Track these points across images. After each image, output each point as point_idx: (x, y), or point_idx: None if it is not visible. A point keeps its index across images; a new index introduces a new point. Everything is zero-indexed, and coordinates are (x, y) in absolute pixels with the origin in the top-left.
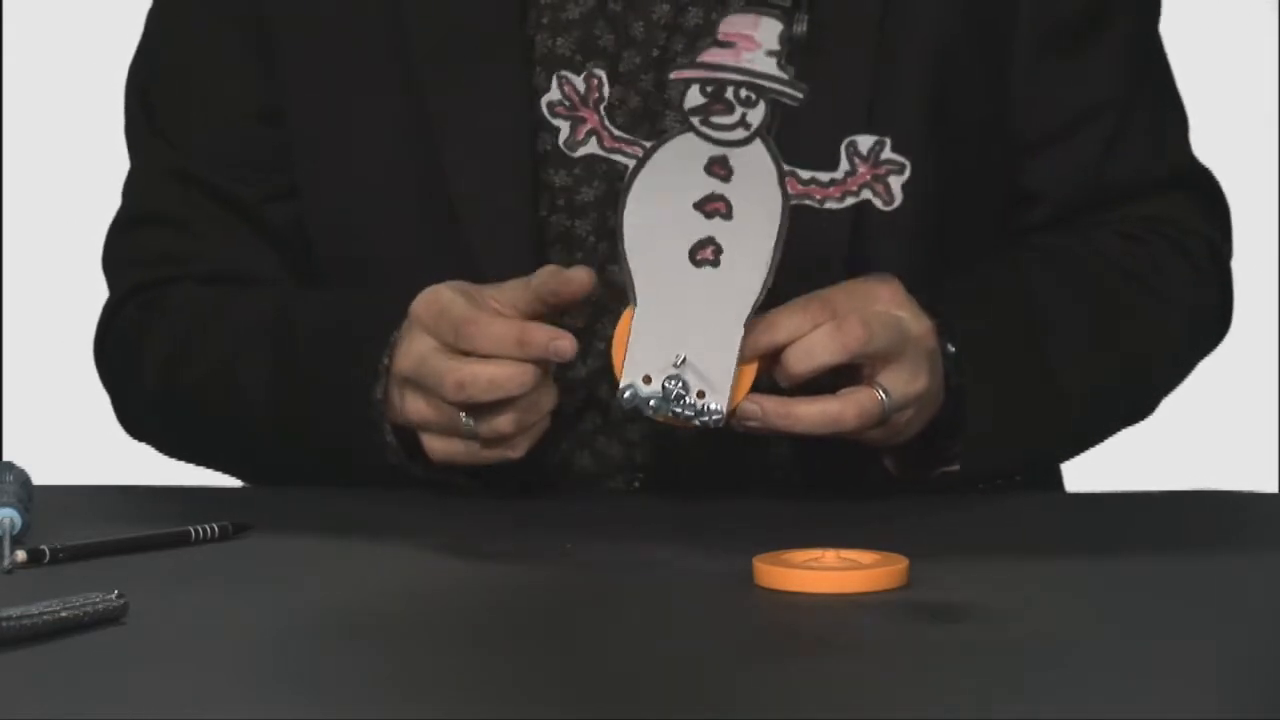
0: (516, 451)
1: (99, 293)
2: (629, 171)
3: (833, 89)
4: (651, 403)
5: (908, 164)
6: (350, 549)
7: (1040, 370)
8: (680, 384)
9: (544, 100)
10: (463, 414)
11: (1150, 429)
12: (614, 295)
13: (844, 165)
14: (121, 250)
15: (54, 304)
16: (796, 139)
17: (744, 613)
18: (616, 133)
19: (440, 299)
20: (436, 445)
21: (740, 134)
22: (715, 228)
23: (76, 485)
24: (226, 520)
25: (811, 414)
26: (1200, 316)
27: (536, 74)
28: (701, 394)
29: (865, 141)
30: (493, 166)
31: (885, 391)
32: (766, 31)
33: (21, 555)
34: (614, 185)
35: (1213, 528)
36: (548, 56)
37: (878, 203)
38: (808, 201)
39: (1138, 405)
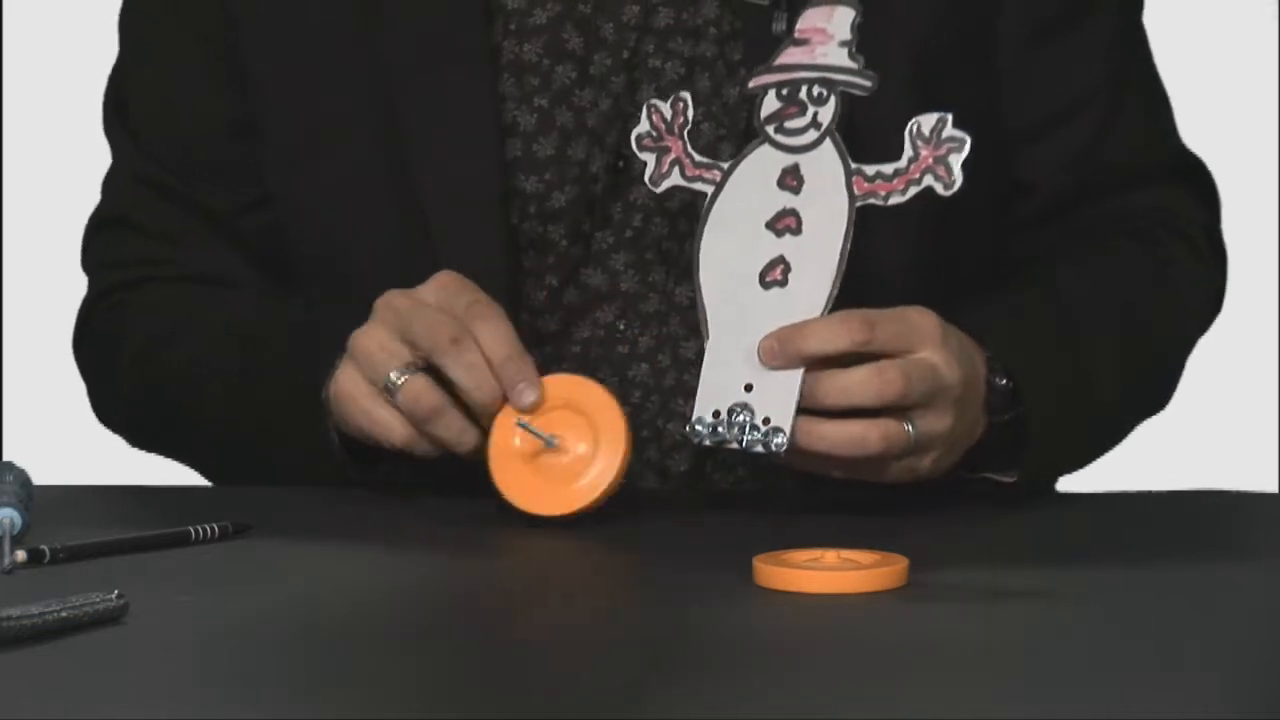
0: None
1: None
2: (707, 199)
3: None
4: (719, 430)
5: (968, 139)
6: (350, 549)
7: (1083, 385)
8: (749, 413)
9: (634, 134)
10: (393, 373)
11: (1150, 429)
12: (586, 301)
13: (907, 152)
14: (99, 249)
15: (54, 304)
16: None
17: (744, 613)
18: (698, 158)
19: (464, 280)
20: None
21: (812, 135)
22: (785, 245)
23: (76, 485)
24: (226, 520)
25: (837, 434)
26: (1207, 305)
27: (504, 80)
28: (767, 420)
29: (928, 121)
30: (462, 174)
31: (913, 425)
32: (840, 22)
33: (21, 555)
34: (587, 188)
35: (1213, 528)
36: (514, 63)
37: (939, 187)
38: (872, 200)
39: (1160, 397)
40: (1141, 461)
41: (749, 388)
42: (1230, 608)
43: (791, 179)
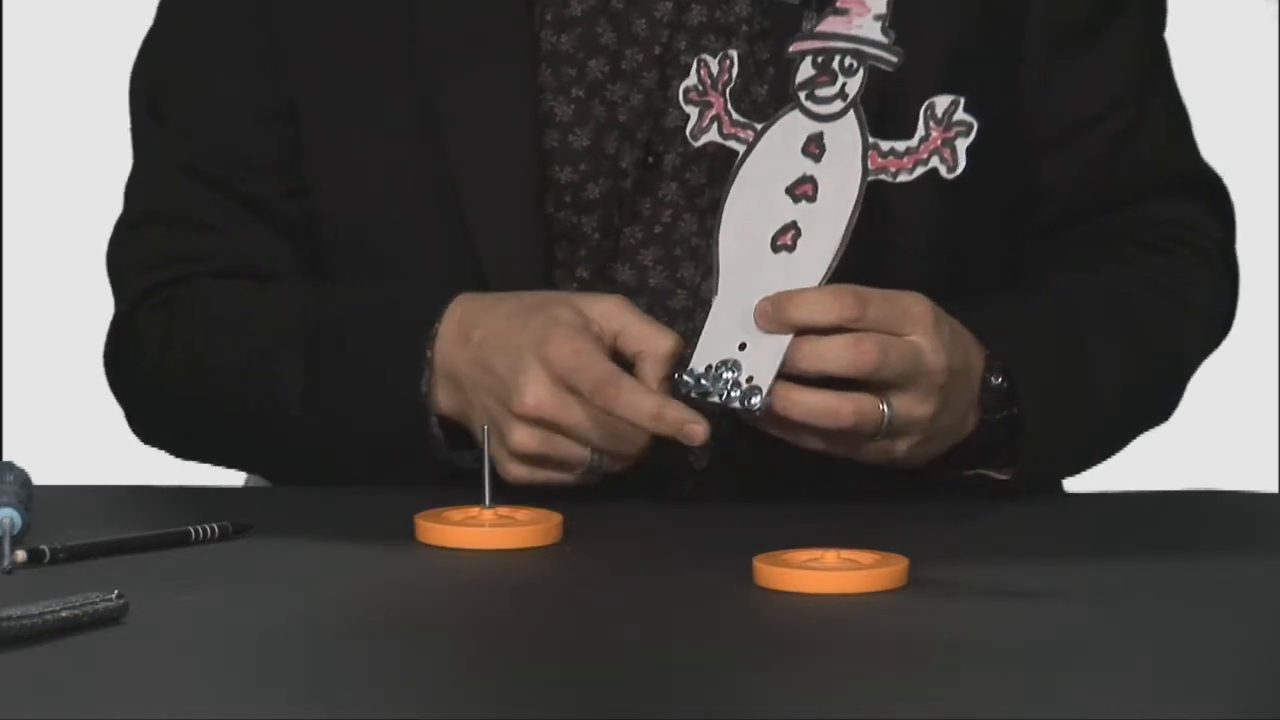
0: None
1: (99, 294)
2: (737, 160)
3: None
4: (703, 383)
5: (975, 124)
6: (350, 549)
7: (1083, 390)
8: (737, 370)
9: (681, 86)
10: (592, 453)
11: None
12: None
13: (919, 131)
14: (127, 253)
15: (54, 304)
16: None
17: (744, 613)
18: (735, 117)
19: (579, 348)
20: (521, 472)
21: (838, 106)
22: (799, 211)
23: (76, 485)
24: (226, 520)
25: (811, 402)
26: (1217, 321)
27: (541, 71)
28: (750, 379)
29: (942, 103)
30: (500, 163)
31: (889, 405)
32: None
33: (21, 555)
34: (618, 183)
35: (1213, 528)
36: (552, 54)
37: (943, 169)
38: (883, 176)
39: (1164, 409)
40: (1141, 461)
41: (742, 346)
42: (1230, 608)
43: (815, 146)
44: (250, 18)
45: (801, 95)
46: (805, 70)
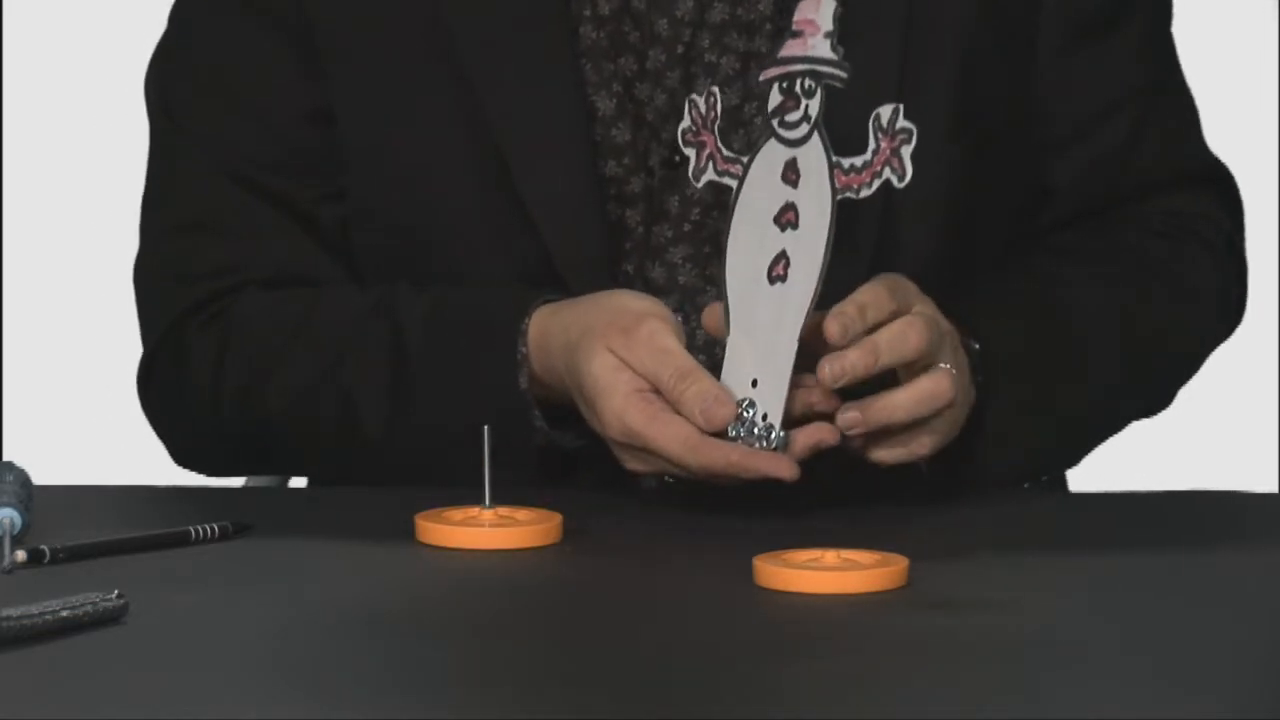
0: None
1: (99, 293)
2: (731, 196)
3: (862, 88)
4: (730, 432)
5: (915, 130)
6: (350, 549)
7: (1066, 370)
8: (753, 408)
9: (679, 129)
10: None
11: (1150, 429)
12: (649, 292)
13: (870, 143)
14: (162, 267)
15: (54, 304)
16: (832, 138)
17: (744, 613)
18: (726, 153)
19: (663, 341)
20: (636, 465)
21: (804, 129)
22: (787, 240)
23: (76, 485)
24: (226, 520)
25: (909, 398)
26: (1220, 310)
27: (583, 65)
28: (765, 417)
29: (885, 112)
30: (558, 160)
31: (944, 364)
32: (825, 13)
33: (21, 555)
34: (646, 182)
35: (1213, 528)
36: (592, 49)
37: (894, 179)
38: (848, 194)
39: (1157, 399)
40: (1142, 461)
41: (755, 383)
42: (1230, 608)
43: (791, 173)
44: (281, 22)
45: (774, 123)
46: (774, 98)
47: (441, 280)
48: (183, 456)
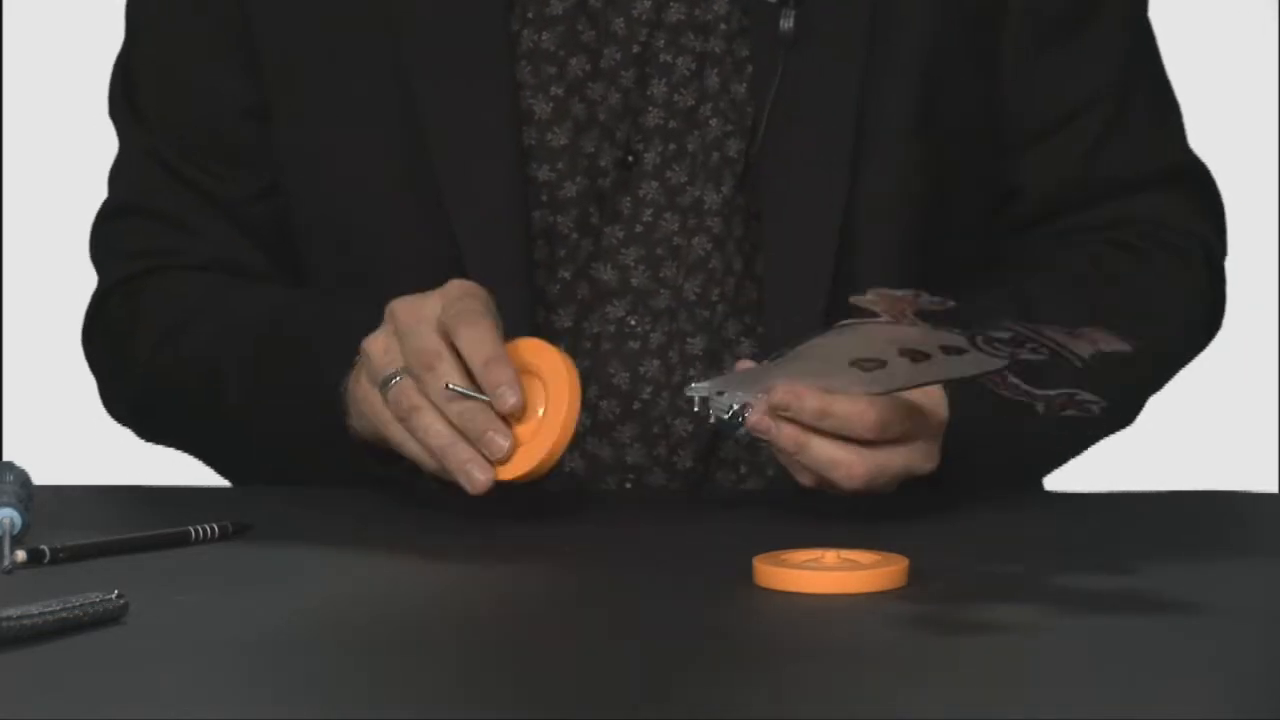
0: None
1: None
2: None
3: (823, 91)
4: (699, 400)
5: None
6: (350, 549)
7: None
8: (736, 396)
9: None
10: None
11: (1151, 429)
12: (598, 296)
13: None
14: (110, 240)
15: (54, 304)
16: (791, 140)
17: (744, 613)
18: None
19: (468, 287)
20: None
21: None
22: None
23: (76, 485)
24: (226, 520)
25: (841, 409)
26: (1191, 325)
27: (520, 69)
28: (745, 405)
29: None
30: (483, 163)
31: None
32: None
33: (21, 555)
34: (595, 181)
35: (1213, 528)
36: (532, 52)
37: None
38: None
39: (1124, 415)
40: (1142, 461)
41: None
42: (1230, 608)
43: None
44: (222, 18)
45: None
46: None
47: (369, 281)
48: (112, 410)
